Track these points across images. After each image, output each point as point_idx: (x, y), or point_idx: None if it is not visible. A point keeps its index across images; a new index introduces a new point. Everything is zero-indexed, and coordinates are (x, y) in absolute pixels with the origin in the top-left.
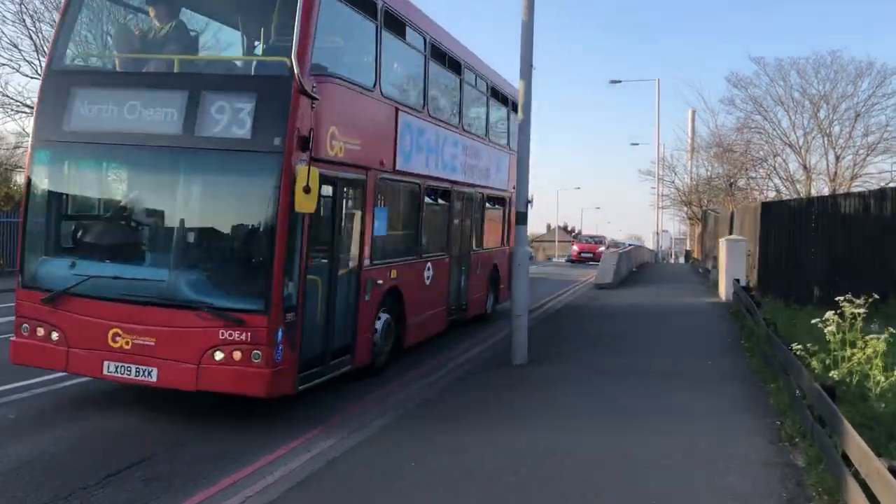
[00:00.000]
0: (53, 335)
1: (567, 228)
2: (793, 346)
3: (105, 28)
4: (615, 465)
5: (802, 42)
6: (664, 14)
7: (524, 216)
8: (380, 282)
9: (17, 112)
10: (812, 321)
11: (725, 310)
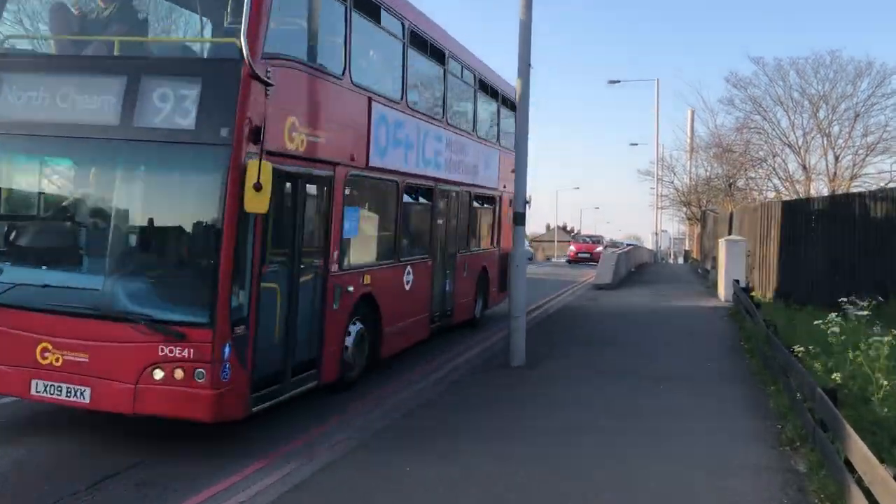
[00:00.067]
0: None
1: (566, 228)
2: (794, 348)
3: (38, 8)
4: (615, 467)
5: (802, 42)
6: (664, 14)
7: (522, 217)
8: (350, 288)
9: None
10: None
11: (725, 311)
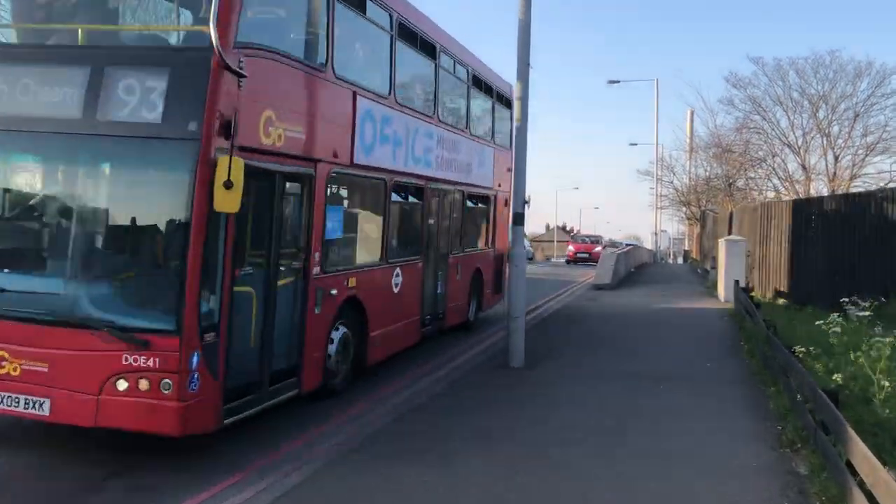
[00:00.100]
0: None
1: (566, 228)
2: (795, 349)
3: None
4: (615, 467)
5: (802, 42)
6: (664, 13)
7: (521, 217)
8: (334, 292)
9: None
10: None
11: (725, 311)
